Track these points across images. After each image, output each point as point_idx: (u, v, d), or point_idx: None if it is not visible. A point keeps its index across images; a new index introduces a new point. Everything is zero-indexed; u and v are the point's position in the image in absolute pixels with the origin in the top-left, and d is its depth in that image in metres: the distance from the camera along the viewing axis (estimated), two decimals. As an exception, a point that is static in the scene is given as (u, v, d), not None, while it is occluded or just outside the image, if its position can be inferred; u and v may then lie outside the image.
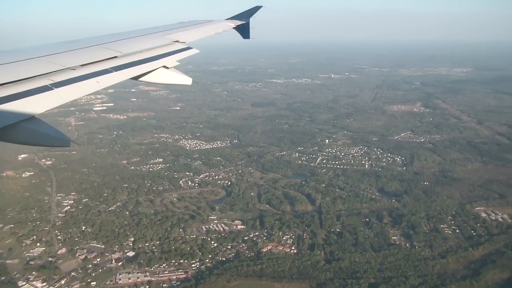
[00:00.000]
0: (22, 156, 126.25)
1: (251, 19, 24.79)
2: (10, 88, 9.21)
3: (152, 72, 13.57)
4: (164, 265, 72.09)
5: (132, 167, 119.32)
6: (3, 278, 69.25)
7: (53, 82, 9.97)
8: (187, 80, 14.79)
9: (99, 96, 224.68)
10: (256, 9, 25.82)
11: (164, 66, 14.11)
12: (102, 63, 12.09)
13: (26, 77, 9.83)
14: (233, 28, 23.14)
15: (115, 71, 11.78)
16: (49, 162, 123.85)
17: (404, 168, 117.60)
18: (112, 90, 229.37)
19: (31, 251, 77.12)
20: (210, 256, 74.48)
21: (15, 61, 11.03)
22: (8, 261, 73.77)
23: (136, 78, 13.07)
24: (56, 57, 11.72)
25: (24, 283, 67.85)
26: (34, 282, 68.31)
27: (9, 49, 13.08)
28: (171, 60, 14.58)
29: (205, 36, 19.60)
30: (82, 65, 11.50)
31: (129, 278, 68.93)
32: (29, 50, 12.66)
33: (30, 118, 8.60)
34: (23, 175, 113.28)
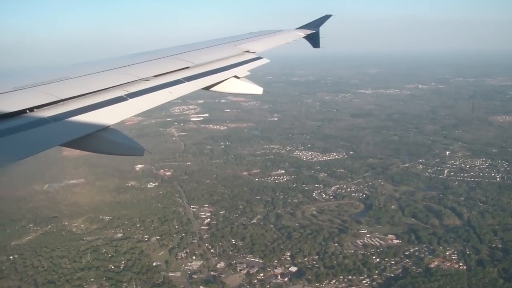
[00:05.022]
0: (139, 166, 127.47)
1: (320, 28, 24.32)
2: (87, 99, 9.50)
3: (223, 82, 13.80)
4: (333, 281, 69.90)
5: (256, 179, 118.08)
6: (172, 291, 69.28)
7: (128, 92, 10.32)
8: (258, 90, 14.82)
9: (191, 107, 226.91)
10: (325, 18, 25.31)
11: (235, 76, 14.22)
12: (174, 73, 12.44)
13: (102, 88, 10.16)
14: (303, 37, 23.15)
15: (187, 81, 12.15)
16: (169, 173, 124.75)
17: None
18: (202, 101, 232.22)
19: (189, 264, 77.19)
20: (376, 272, 72.03)
21: (91, 73, 11.28)
22: (170, 274, 73.71)
23: (207, 88, 13.35)
24: (130, 68, 12.01)
25: (196, 297, 67.45)
26: (206, 298, 67.84)
27: (82, 62, 13.81)
28: (242, 70, 14.77)
29: (275, 46, 19.81)
30: (155, 76, 11.82)
31: (304, 295, 66.92)
32: (104, 62, 13.01)
33: (107, 128, 8.78)
34: (148, 186, 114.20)
